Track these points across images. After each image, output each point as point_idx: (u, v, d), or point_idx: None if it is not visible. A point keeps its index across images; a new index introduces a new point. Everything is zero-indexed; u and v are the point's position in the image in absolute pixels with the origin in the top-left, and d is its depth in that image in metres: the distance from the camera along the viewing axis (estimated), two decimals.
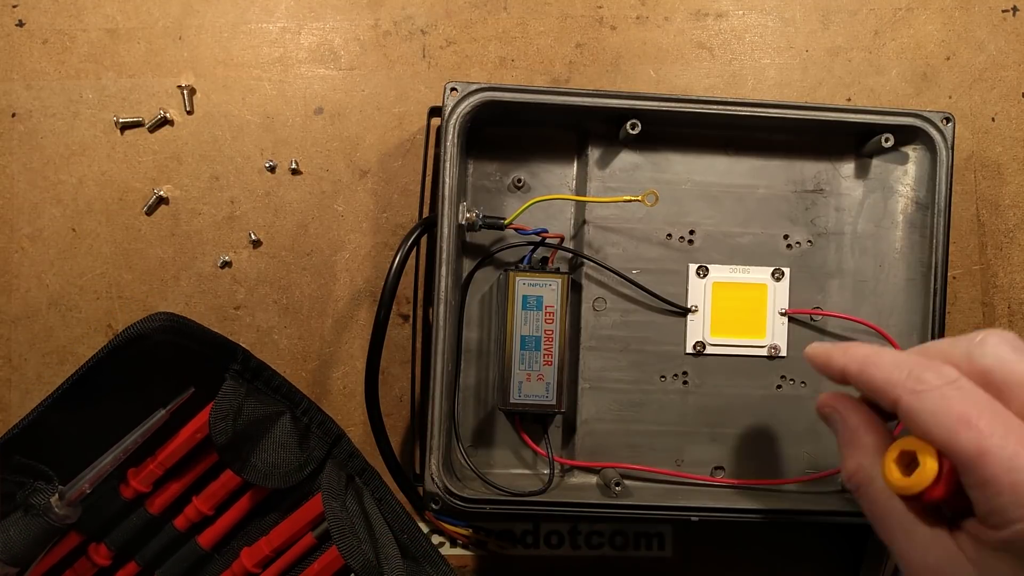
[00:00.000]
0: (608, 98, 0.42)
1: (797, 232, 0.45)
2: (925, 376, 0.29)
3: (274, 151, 0.47)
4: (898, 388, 0.30)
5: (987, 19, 0.49)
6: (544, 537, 0.48)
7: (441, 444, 0.41)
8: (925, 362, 0.30)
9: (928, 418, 0.28)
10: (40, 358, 0.47)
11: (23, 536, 0.40)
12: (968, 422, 0.27)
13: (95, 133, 0.47)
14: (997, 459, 0.26)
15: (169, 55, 0.47)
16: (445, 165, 0.40)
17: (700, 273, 0.45)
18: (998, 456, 0.26)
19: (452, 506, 0.41)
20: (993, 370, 0.29)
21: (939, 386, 0.29)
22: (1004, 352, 0.29)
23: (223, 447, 0.41)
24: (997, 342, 0.30)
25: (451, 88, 0.41)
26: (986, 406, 0.28)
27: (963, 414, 0.27)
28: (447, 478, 0.41)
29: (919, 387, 0.29)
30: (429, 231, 0.43)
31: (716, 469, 0.45)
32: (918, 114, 0.43)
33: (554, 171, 0.45)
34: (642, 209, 0.44)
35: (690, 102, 0.42)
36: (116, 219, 0.47)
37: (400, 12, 0.48)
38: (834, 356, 0.34)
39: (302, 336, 0.47)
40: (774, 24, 0.49)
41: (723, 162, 0.45)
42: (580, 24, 0.48)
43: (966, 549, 0.28)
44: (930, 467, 0.28)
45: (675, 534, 0.48)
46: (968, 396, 0.28)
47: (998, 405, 0.28)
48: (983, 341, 0.30)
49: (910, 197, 0.45)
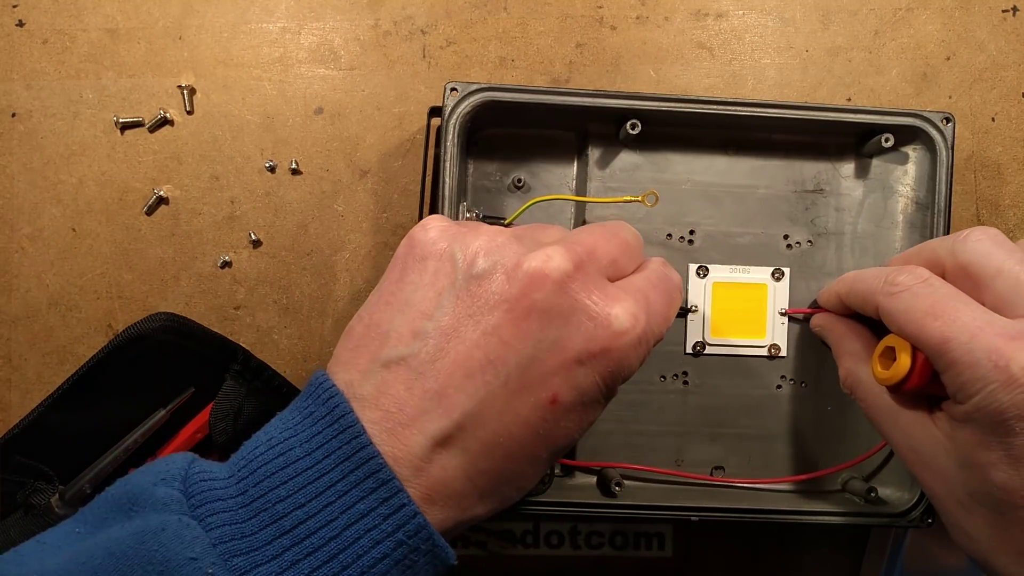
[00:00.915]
0: (608, 98, 0.42)
1: (797, 232, 0.45)
2: (899, 279, 0.33)
3: (274, 151, 0.47)
4: (877, 294, 0.34)
5: (987, 19, 0.49)
6: (544, 537, 0.48)
7: None
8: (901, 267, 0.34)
9: (900, 315, 0.32)
10: (40, 358, 0.47)
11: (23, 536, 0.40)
12: (933, 314, 0.30)
13: (95, 133, 0.47)
14: (958, 343, 0.29)
15: (169, 55, 0.47)
16: (445, 165, 0.40)
17: (700, 273, 0.45)
18: (958, 340, 0.29)
19: None
20: (971, 263, 0.32)
21: (911, 286, 0.32)
22: (983, 246, 0.32)
23: (223, 447, 0.41)
24: (978, 237, 0.33)
25: (451, 88, 0.41)
26: (950, 298, 0.31)
27: (929, 308, 0.31)
28: None
29: (893, 289, 0.33)
30: None
31: (716, 469, 0.45)
32: (918, 114, 0.43)
33: (554, 171, 0.45)
34: (642, 209, 0.44)
35: (690, 102, 0.42)
36: (116, 219, 0.47)
37: (400, 12, 0.48)
38: (831, 288, 0.41)
39: (302, 336, 0.47)
40: (774, 24, 0.49)
41: (723, 162, 0.45)
42: (580, 24, 0.48)
43: (942, 427, 0.31)
44: (903, 360, 0.32)
45: (675, 534, 0.48)
46: (935, 291, 0.32)
47: (962, 297, 0.31)
48: (966, 237, 0.33)
49: (910, 197, 0.45)
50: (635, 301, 0.29)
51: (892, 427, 0.34)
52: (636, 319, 0.29)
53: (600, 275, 0.29)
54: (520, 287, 0.27)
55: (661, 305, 0.31)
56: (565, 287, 0.28)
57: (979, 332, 0.29)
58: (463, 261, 0.28)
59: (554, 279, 0.27)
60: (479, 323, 0.27)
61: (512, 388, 0.27)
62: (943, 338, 0.30)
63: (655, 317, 0.30)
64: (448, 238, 0.30)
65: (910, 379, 0.32)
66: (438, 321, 0.28)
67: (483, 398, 0.27)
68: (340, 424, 0.26)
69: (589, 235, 0.31)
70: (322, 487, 0.25)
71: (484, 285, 0.28)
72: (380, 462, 0.25)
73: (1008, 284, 0.30)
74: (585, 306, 0.28)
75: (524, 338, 0.27)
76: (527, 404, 0.27)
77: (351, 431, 0.26)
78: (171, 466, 0.27)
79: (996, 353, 0.28)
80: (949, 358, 0.30)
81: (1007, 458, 0.28)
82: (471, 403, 0.27)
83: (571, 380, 0.28)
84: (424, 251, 0.30)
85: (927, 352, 0.31)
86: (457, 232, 0.30)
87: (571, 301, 0.28)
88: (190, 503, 0.25)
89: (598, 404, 0.30)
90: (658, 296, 0.31)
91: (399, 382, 0.27)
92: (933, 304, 0.31)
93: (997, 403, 0.28)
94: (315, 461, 0.26)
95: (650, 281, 0.31)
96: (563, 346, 0.27)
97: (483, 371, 0.27)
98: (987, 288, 0.31)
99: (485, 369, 0.27)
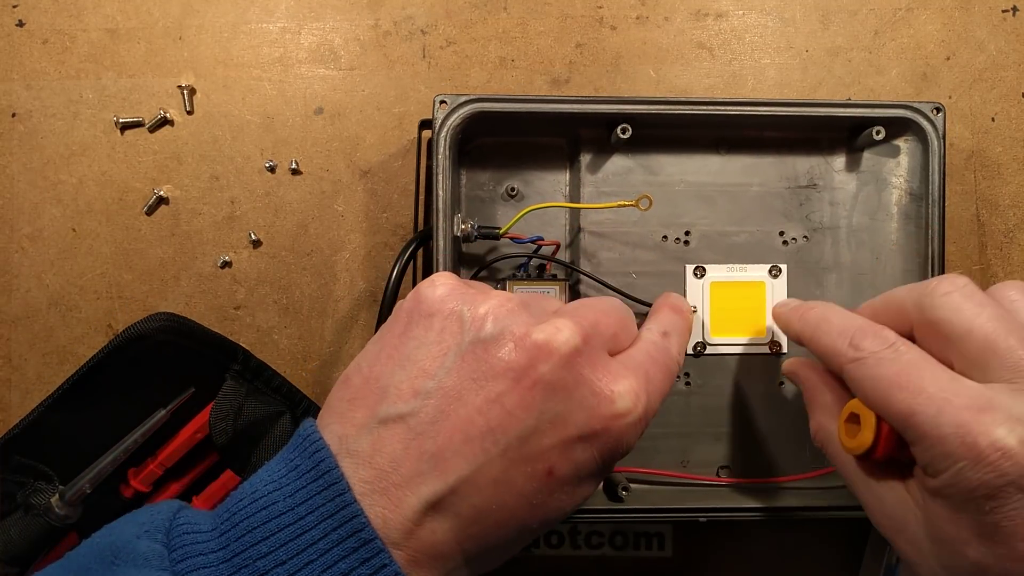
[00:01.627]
0: (598, 104, 0.42)
1: (792, 228, 0.45)
2: (863, 344, 0.31)
3: (274, 151, 0.47)
4: (840, 356, 0.32)
5: (987, 19, 0.49)
6: (544, 537, 0.48)
7: None
8: (866, 328, 0.32)
9: (866, 384, 0.31)
10: (40, 358, 0.47)
11: (23, 536, 0.40)
12: (898, 384, 0.29)
13: (95, 133, 0.47)
14: (924, 416, 0.28)
15: (169, 55, 0.47)
16: (438, 178, 0.40)
17: (697, 274, 0.45)
18: (925, 413, 0.28)
19: None
20: (940, 321, 0.30)
21: (875, 352, 0.31)
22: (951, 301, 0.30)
23: (223, 447, 0.41)
24: (946, 290, 0.31)
25: (440, 101, 0.41)
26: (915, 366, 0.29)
27: (894, 377, 0.29)
28: None
29: (857, 355, 0.31)
30: (425, 244, 0.43)
31: (722, 469, 0.45)
32: (908, 105, 0.43)
33: (547, 178, 0.45)
34: (636, 212, 0.44)
35: (680, 103, 0.42)
36: (116, 219, 0.47)
37: (400, 12, 0.48)
38: (792, 322, 0.38)
39: (302, 336, 0.47)
40: (774, 24, 0.49)
41: (715, 161, 0.45)
42: (580, 24, 0.48)
43: (915, 496, 0.30)
44: (867, 432, 0.30)
45: (675, 534, 0.48)
46: (900, 358, 0.30)
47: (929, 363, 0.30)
48: (933, 290, 0.31)
49: (904, 189, 0.45)
50: (637, 379, 0.29)
51: (865, 491, 0.33)
52: (638, 398, 0.28)
53: (603, 350, 0.29)
54: (528, 357, 0.27)
55: (660, 381, 0.31)
56: (572, 362, 0.27)
57: (946, 405, 0.28)
58: (471, 323, 0.28)
59: (562, 353, 0.27)
60: (483, 388, 0.27)
61: (510, 457, 0.26)
62: (909, 411, 0.28)
63: (655, 394, 0.30)
64: (457, 298, 0.29)
65: (876, 450, 0.30)
66: (441, 381, 0.27)
67: (481, 465, 0.26)
68: (325, 480, 0.26)
69: (591, 310, 0.30)
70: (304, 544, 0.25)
71: (491, 350, 0.27)
72: (363, 521, 0.25)
73: (978, 345, 0.29)
74: (590, 383, 0.28)
75: (527, 409, 0.27)
76: (523, 474, 0.27)
77: (336, 488, 0.25)
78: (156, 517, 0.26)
79: (964, 428, 0.27)
80: (916, 432, 0.28)
81: (979, 536, 0.27)
82: (468, 468, 0.26)
83: (570, 455, 0.27)
84: (431, 308, 0.29)
85: (893, 424, 0.30)
86: (466, 293, 0.29)
87: (577, 376, 0.27)
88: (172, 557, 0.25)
89: (593, 480, 0.29)
90: (658, 371, 0.31)
91: (396, 440, 0.26)
92: (898, 373, 0.29)
93: (966, 481, 0.27)
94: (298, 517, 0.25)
95: (650, 355, 0.31)
96: (565, 421, 0.27)
97: (483, 438, 0.26)
98: (956, 349, 0.30)
99: (485, 436, 0.26)
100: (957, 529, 0.28)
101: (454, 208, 0.42)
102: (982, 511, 0.27)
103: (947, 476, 0.27)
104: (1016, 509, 0.26)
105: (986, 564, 0.27)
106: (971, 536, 0.27)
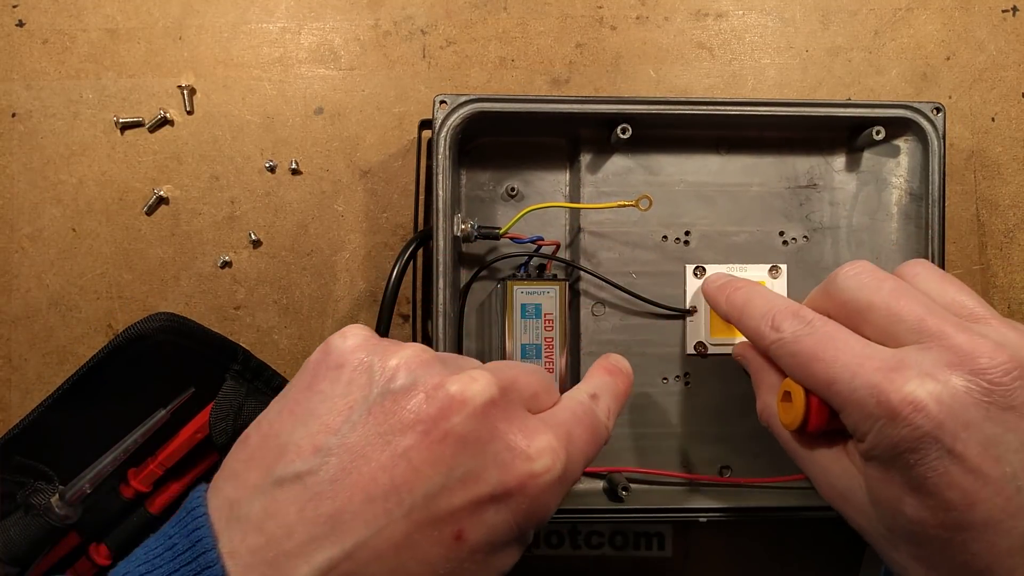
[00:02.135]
0: (597, 103, 0.42)
1: (792, 228, 0.45)
2: (783, 325, 0.32)
3: (274, 151, 0.47)
4: (763, 339, 0.33)
5: (987, 19, 0.49)
6: (544, 537, 0.48)
7: None
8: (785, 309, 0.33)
9: (789, 361, 0.32)
10: (40, 358, 0.47)
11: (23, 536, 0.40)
12: (816, 357, 0.30)
13: (95, 133, 0.47)
14: (842, 383, 0.29)
15: (169, 55, 0.47)
16: (438, 178, 0.40)
17: (697, 274, 0.45)
18: (842, 380, 0.29)
19: None
20: (846, 301, 0.32)
21: (794, 331, 0.32)
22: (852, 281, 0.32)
23: (223, 447, 0.41)
24: (847, 272, 0.32)
25: (440, 101, 0.41)
26: (830, 338, 0.31)
27: (811, 351, 0.31)
28: None
29: (778, 336, 0.32)
30: (425, 244, 0.43)
31: (723, 468, 0.45)
32: (908, 105, 0.43)
33: (547, 178, 0.45)
34: (636, 212, 0.44)
35: (680, 103, 0.42)
36: (116, 219, 0.47)
37: (400, 12, 0.48)
38: (720, 303, 0.39)
39: (302, 336, 0.47)
40: (774, 24, 0.49)
41: (715, 161, 0.45)
42: (580, 24, 0.48)
43: (856, 463, 0.31)
44: (798, 405, 0.32)
45: (675, 534, 0.48)
46: (815, 331, 0.31)
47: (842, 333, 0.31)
48: (835, 275, 0.33)
49: (904, 188, 0.45)
50: (557, 436, 0.27)
51: (809, 464, 0.33)
52: (557, 456, 0.26)
53: (521, 407, 0.28)
54: (439, 408, 0.25)
55: (584, 442, 0.29)
56: (486, 414, 0.26)
57: (859, 369, 0.28)
58: (381, 375, 0.26)
59: (476, 404, 0.25)
60: (389, 443, 0.25)
61: (415, 519, 0.24)
62: (828, 379, 0.29)
63: (577, 455, 0.28)
64: (368, 349, 0.27)
65: (809, 423, 0.31)
66: (344, 437, 0.25)
67: (382, 527, 0.24)
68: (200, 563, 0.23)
69: (511, 367, 0.29)
70: None
71: (400, 402, 0.25)
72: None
73: (882, 315, 0.30)
74: (505, 437, 0.26)
75: (436, 464, 0.25)
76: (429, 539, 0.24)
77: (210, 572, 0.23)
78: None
79: (877, 388, 0.28)
80: (838, 400, 0.29)
81: (911, 491, 0.28)
82: (367, 532, 0.24)
83: (481, 517, 0.25)
84: (340, 359, 0.27)
85: (818, 395, 0.31)
86: (378, 344, 0.28)
87: (491, 429, 0.26)
88: None
89: (511, 549, 0.27)
90: (582, 432, 0.29)
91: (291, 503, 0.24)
92: (814, 345, 0.31)
93: (887, 439, 0.27)
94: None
95: (575, 414, 0.29)
96: (477, 478, 0.25)
97: (386, 497, 0.24)
98: (865, 322, 0.31)
99: (388, 495, 0.24)
100: (891, 488, 0.28)
101: (454, 208, 0.42)
102: (908, 466, 0.27)
103: (872, 437, 0.28)
104: (938, 459, 0.27)
105: (922, 518, 0.28)
106: (904, 493, 0.28)
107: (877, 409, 0.28)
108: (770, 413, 0.35)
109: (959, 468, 0.27)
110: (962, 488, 0.27)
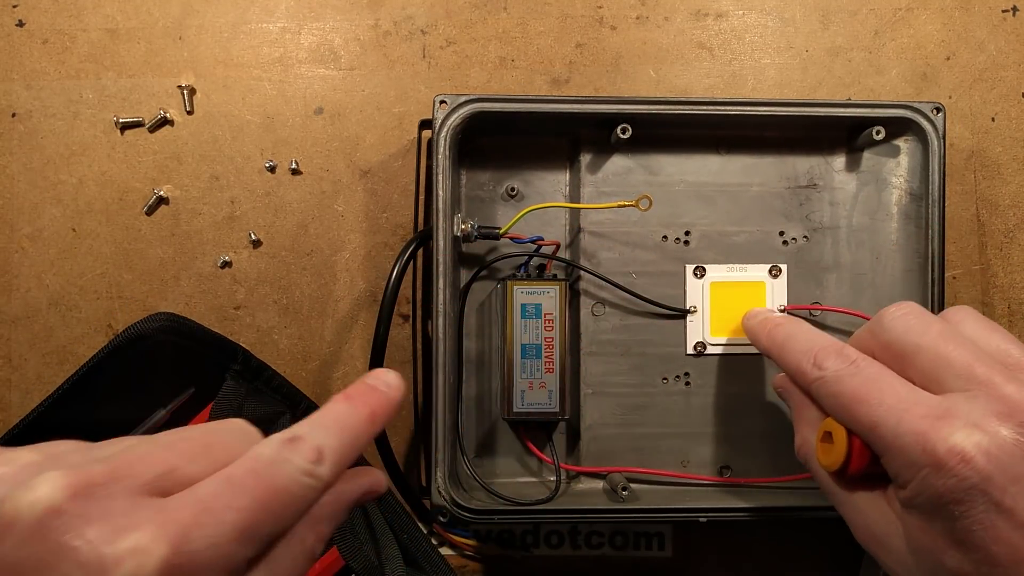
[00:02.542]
0: (597, 103, 0.42)
1: (792, 228, 0.45)
2: (826, 363, 0.32)
3: (274, 151, 0.47)
4: (805, 375, 0.33)
5: (987, 19, 0.49)
6: (544, 537, 0.48)
7: (446, 457, 0.41)
8: (829, 346, 0.32)
9: (831, 401, 0.31)
10: (40, 358, 0.47)
11: None
12: (860, 399, 0.30)
13: (95, 133, 0.47)
14: (886, 427, 0.28)
15: (169, 55, 0.47)
16: (438, 178, 0.40)
17: (697, 273, 0.45)
18: (886, 424, 0.28)
19: (460, 518, 0.41)
20: (892, 342, 0.31)
21: (837, 370, 0.31)
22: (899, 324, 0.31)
23: None
24: (894, 314, 0.32)
25: (440, 101, 0.41)
26: (875, 380, 0.30)
27: (855, 392, 0.30)
28: (454, 490, 0.41)
29: (820, 373, 0.32)
30: (425, 244, 0.43)
31: (723, 469, 0.45)
32: (908, 105, 0.43)
33: (547, 178, 0.45)
34: (636, 212, 0.44)
35: (680, 103, 0.42)
36: (116, 219, 0.47)
37: (400, 12, 0.48)
38: (760, 338, 0.38)
39: (302, 336, 0.47)
40: (774, 24, 0.49)
41: (715, 161, 0.45)
42: (580, 24, 0.48)
43: (894, 508, 0.30)
44: (839, 447, 0.31)
45: (675, 534, 0.48)
46: (860, 372, 0.31)
47: (888, 376, 0.30)
48: (881, 315, 0.32)
49: (904, 188, 0.45)
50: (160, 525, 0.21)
51: (846, 506, 0.33)
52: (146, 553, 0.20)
53: (129, 496, 0.22)
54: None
55: (233, 512, 0.22)
56: (46, 529, 0.20)
57: (904, 414, 0.28)
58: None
59: (27, 522, 0.20)
60: None
61: None
62: (872, 423, 0.29)
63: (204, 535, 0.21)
64: None
65: (850, 466, 0.31)
66: None
67: None
68: None
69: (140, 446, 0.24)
70: None
71: None
72: None
73: (929, 359, 0.29)
74: (73, 550, 0.20)
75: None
76: None
77: None
78: None
79: (923, 436, 0.27)
80: (881, 444, 0.29)
81: (954, 543, 0.27)
82: None
83: None
84: None
85: (861, 437, 0.30)
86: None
87: (54, 546, 0.20)
88: None
89: None
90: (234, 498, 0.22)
91: None
92: (859, 387, 0.30)
93: (931, 488, 0.27)
94: None
95: (231, 480, 0.23)
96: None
97: None
98: (911, 366, 0.30)
99: None
100: (933, 538, 0.28)
101: (454, 208, 0.42)
102: (952, 518, 0.27)
103: (914, 485, 0.27)
104: (985, 512, 0.26)
105: (965, 572, 0.27)
106: (947, 544, 0.27)
107: (922, 457, 0.27)
108: (808, 450, 0.35)
109: (1007, 523, 0.26)
110: (1010, 543, 0.26)
